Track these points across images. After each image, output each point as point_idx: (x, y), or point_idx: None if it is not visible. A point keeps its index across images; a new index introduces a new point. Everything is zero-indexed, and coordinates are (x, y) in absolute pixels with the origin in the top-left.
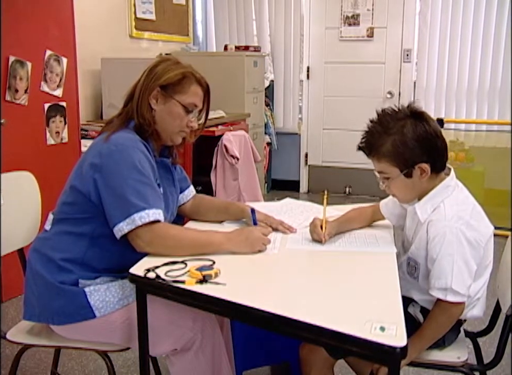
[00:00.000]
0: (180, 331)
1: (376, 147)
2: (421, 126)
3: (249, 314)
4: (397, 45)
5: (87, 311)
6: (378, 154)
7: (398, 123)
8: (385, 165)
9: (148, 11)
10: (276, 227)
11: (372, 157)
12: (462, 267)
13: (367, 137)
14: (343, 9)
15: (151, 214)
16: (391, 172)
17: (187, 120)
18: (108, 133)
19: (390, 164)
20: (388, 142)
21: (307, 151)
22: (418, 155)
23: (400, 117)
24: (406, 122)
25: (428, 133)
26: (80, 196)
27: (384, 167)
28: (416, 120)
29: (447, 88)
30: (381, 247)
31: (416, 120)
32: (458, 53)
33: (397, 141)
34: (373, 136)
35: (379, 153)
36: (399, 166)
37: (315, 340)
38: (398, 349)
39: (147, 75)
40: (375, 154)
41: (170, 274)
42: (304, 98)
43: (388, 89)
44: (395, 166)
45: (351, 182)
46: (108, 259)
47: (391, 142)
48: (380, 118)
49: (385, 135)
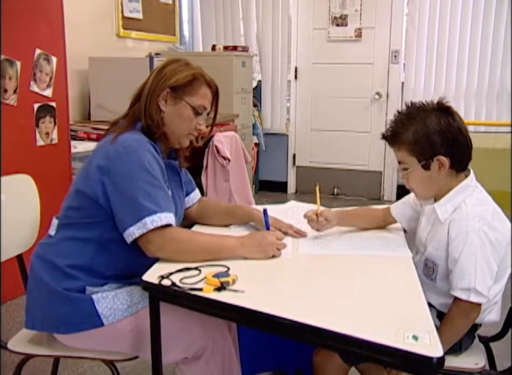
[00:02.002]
0: (191, 339)
1: (397, 135)
2: (444, 119)
3: (273, 323)
4: (384, 45)
5: (95, 319)
6: (398, 142)
7: (423, 114)
8: (404, 154)
9: (136, 10)
10: (286, 231)
11: (392, 145)
12: (485, 268)
13: (391, 126)
14: (331, 10)
15: (163, 217)
16: (409, 162)
17: (196, 123)
18: (115, 134)
19: (408, 153)
20: (409, 131)
21: (295, 152)
22: (437, 147)
23: (426, 109)
24: (431, 114)
25: (451, 126)
26: (86, 200)
27: (403, 157)
28: (441, 113)
29: (435, 89)
30: (395, 251)
31: (441, 113)
32: (446, 54)
33: (418, 131)
34: (397, 124)
35: (399, 141)
36: (418, 156)
37: (343, 350)
38: (435, 360)
39: (156, 76)
40: (395, 142)
41: (185, 281)
42: (292, 98)
43: (376, 90)
44: (414, 156)
45: (339, 183)
46: (116, 265)
47: (412, 131)
48: (407, 109)
49: (408, 123)
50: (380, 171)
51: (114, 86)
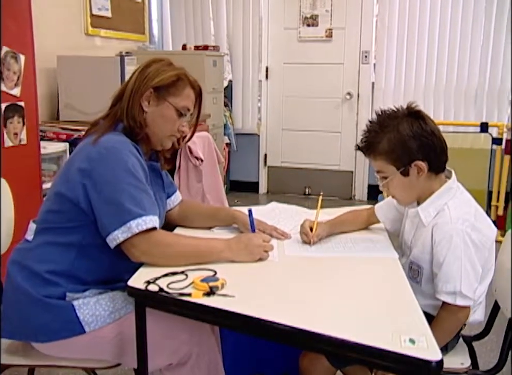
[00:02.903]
0: (176, 345)
1: (372, 146)
2: (417, 124)
3: (267, 329)
4: (355, 46)
5: (76, 326)
6: (374, 152)
7: (394, 121)
8: (381, 163)
9: (104, 7)
10: (270, 234)
11: (369, 156)
12: (469, 270)
13: (364, 137)
14: (302, 10)
15: (148, 221)
16: (388, 170)
17: (179, 124)
18: (96, 136)
19: (386, 162)
20: (383, 140)
21: (266, 152)
22: (414, 153)
23: (397, 116)
24: (403, 120)
25: (424, 131)
26: (67, 203)
27: (381, 166)
28: (412, 118)
29: (404, 89)
30: (381, 252)
31: (412, 118)
32: (415, 54)
33: (392, 139)
34: (370, 134)
35: (375, 151)
36: (395, 164)
37: (339, 354)
38: (434, 363)
39: (138, 76)
40: (371, 153)
41: (172, 286)
42: (263, 98)
43: (347, 90)
44: (391, 164)
45: (310, 183)
46: (98, 270)
47: (386, 140)
48: (378, 118)
49: (381, 133)
50: (352, 170)
51: (84, 85)
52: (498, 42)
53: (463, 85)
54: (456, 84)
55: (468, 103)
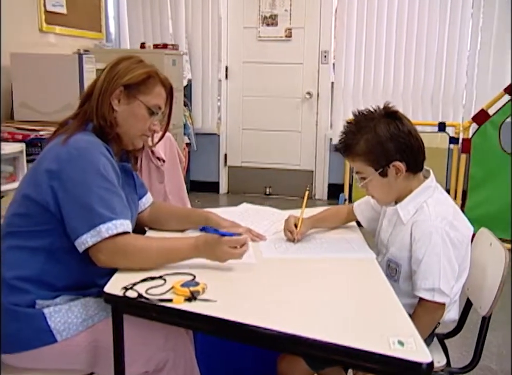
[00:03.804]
0: (152, 351)
1: (350, 147)
2: (394, 125)
3: (252, 334)
4: (314, 45)
5: (47, 335)
6: (352, 154)
7: (371, 122)
8: (359, 165)
9: (59, 4)
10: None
11: (347, 157)
12: (447, 267)
13: (342, 138)
14: (261, 9)
15: (118, 225)
16: (366, 171)
17: (150, 123)
18: (66, 136)
19: (364, 163)
20: (361, 142)
21: (226, 152)
22: (392, 154)
23: (374, 117)
24: (380, 121)
25: (401, 131)
26: (34, 206)
27: (359, 167)
28: (389, 119)
29: (364, 89)
30: (359, 252)
31: (389, 119)
32: (374, 54)
33: (370, 140)
34: (347, 136)
35: (353, 153)
36: (373, 165)
37: (327, 358)
38: (424, 365)
39: (108, 74)
40: (349, 154)
41: (151, 292)
42: (222, 98)
43: (307, 90)
44: (369, 166)
45: (270, 182)
46: (69, 275)
47: (364, 141)
48: (355, 119)
49: (358, 134)
50: (312, 170)
51: (40, 83)
52: (453, 38)
53: (420, 85)
54: (414, 84)
55: (425, 103)
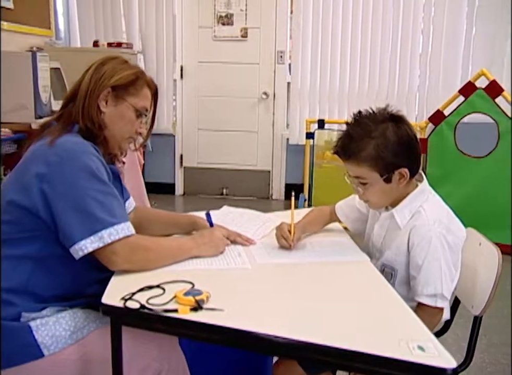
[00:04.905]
0: (146, 362)
1: (356, 151)
2: (402, 130)
3: (264, 343)
4: (270, 46)
5: (34, 349)
6: (359, 159)
7: (380, 126)
8: (365, 170)
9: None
10: (234, 240)
11: (351, 162)
12: (447, 271)
13: (345, 141)
14: (217, 9)
15: (120, 230)
16: (370, 177)
17: (137, 125)
18: (51, 138)
19: (371, 169)
20: (370, 146)
21: (182, 153)
22: (400, 160)
23: (381, 120)
24: (388, 125)
25: (409, 137)
26: (21, 212)
27: (364, 172)
28: (397, 123)
29: (320, 90)
30: (352, 255)
31: (397, 123)
32: (330, 55)
33: (380, 145)
34: (353, 139)
35: (359, 157)
36: (380, 171)
37: (345, 366)
38: (450, 371)
39: (93, 74)
40: (354, 159)
41: (152, 301)
42: (178, 98)
43: (263, 90)
44: (375, 171)
45: (227, 183)
46: (57, 284)
47: (373, 146)
48: (360, 121)
49: (367, 138)
50: (269, 170)
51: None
52: (406, 39)
53: (375, 86)
54: (369, 85)
55: (380, 103)
